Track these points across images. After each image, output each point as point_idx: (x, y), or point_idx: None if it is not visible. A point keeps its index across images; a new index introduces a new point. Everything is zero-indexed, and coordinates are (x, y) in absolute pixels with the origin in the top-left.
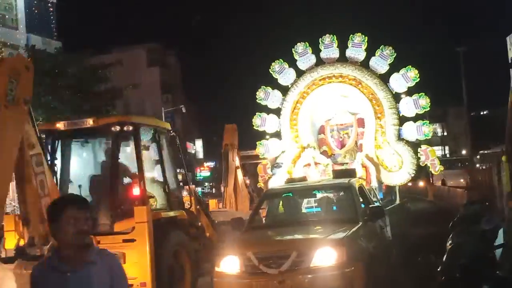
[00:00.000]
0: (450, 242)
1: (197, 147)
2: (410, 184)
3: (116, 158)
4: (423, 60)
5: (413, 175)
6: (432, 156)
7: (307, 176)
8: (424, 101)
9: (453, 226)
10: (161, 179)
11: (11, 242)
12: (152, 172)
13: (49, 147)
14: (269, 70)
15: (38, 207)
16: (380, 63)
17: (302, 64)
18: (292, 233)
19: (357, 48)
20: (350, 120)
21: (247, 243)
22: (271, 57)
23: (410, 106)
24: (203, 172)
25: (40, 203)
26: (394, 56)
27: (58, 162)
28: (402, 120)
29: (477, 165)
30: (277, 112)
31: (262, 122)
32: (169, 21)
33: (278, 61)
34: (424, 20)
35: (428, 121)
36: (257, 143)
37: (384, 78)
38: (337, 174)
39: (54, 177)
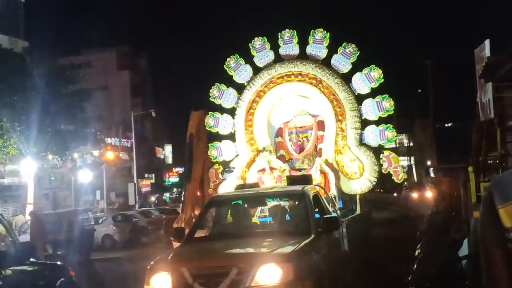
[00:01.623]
0: (418, 251)
1: (166, 152)
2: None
3: None
4: (390, 70)
5: (374, 183)
6: (395, 163)
7: (263, 182)
8: (388, 103)
9: (421, 235)
10: None
11: None
12: None
13: None
14: (224, 66)
15: None
16: (342, 61)
17: (260, 61)
18: (235, 246)
19: (318, 44)
20: (310, 122)
21: (182, 258)
22: (230, 53)
23: (373, 108)
24: (172, 177)
25: None
26: (357, 54)
27: None
28: (365, 123)
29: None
30: (232, 112)
31: (215, 122)
32: (140, 25)
33: (233, 56)
34: (392, 31)
35: (391, 125)
36: (209, 145)
37: (346, 78)
38: (292, 180)
39: None
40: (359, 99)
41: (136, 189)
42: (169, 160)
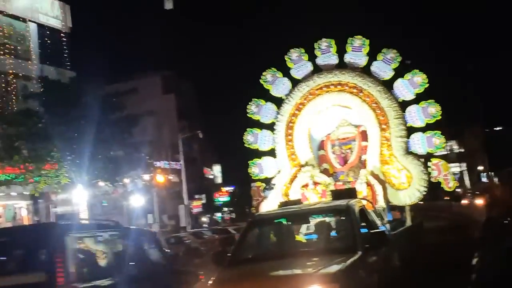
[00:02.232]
0: (476, 259)
1: (215, 172)
2: None
3: None
4: (435, 76)
5: (424, 193)
6: (444, 171)
7: (306, 198)
8: (434, 109)
9: (478, 244)
10: None
11: None
12: None
13: None
14: (260, 80)
15: None
16: (383, 68)
17: (297, 73)
18: (278, 268)
19: (357, 52)
20: (353, 133)
21: (223, 283)
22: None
23: (418, 115)
24: (222, 197)
25: None
26: (399, 60)
27: None
28: (410, 131)
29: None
30: (271, 127)
31: (254, 138)
32: (183, 48)
33: (270, 70)
34: (436, 36)
35: (439, 132)
36: (249, 162)
37: (388, 85)
38: (336, 195)
39: None
40: (403, 106)
41: (187, 210)
42: (218, 180)
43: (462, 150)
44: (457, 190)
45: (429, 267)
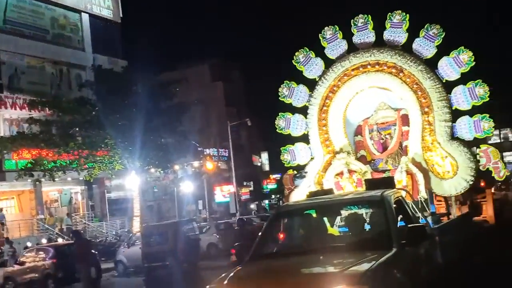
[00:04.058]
0: None
1: (263, 159)
2: None
3: None
4: (484, 52)
5: (471, 182)
6: (494, 158)
7: (341, 187)
8: (482, 90)
9: None
10: None
11: None
12: None
13: None
14: (293, 61)
15: None
16: (425, 45)
17: (331, 52)
18: (301, 264)
19: (396, 29)
20: (393, 117)
21: (239, 281)
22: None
23: (464, 96)
24: (270, 184)
25: None
26: (442, 36)
27: None
28: (456, 114)
29: None
30: (304, 111)
31: (286, 123)
32: (230, 35)
33: (302, 50)
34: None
35: (488, 115)
36: (281, 149)
37: (431, 64)
38: (371, 184)
39: None
40: (448, 87)
41: (236, 197)
42: (266, 167)
43: None
44: None
45: (479, 269)
